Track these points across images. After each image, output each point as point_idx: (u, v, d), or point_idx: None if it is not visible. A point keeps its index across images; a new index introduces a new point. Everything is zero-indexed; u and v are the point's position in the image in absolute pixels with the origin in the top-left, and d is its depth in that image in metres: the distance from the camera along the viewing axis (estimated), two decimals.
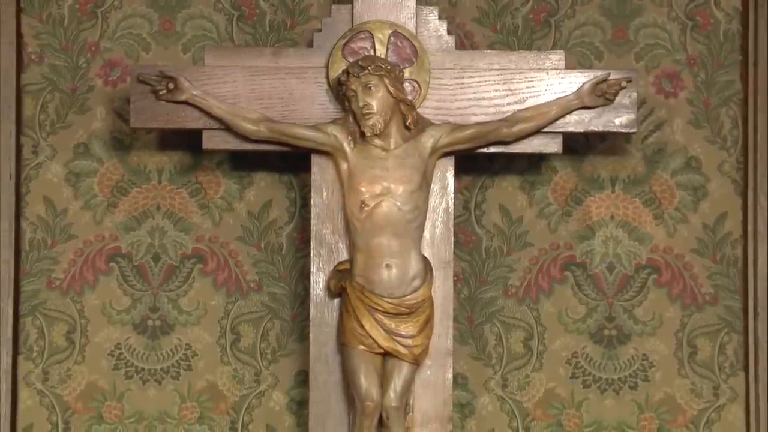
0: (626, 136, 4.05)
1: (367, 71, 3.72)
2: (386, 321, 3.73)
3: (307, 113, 3.85)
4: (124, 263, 4.08)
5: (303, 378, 4.01)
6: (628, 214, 4.10)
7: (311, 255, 3.85)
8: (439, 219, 3.85)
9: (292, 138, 3.80)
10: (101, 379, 4.07)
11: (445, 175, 3.85)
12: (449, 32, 3.92)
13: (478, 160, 4.02)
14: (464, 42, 4.10)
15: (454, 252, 3.88)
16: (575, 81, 3.84)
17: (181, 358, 4.07)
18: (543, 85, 3.85)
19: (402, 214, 3.74)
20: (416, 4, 3.88)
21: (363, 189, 3.75)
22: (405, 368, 3.75)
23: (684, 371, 4.09)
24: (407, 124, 3.77)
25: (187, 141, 4.01)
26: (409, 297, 3.74)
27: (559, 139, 3.87)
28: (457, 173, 3.89)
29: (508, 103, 3.85)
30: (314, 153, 3.84)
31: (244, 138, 3.83)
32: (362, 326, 3.73)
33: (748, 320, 4.07)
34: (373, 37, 3.85)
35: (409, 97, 3.81)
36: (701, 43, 4.13)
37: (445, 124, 3.82)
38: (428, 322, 3.77)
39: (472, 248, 4.09)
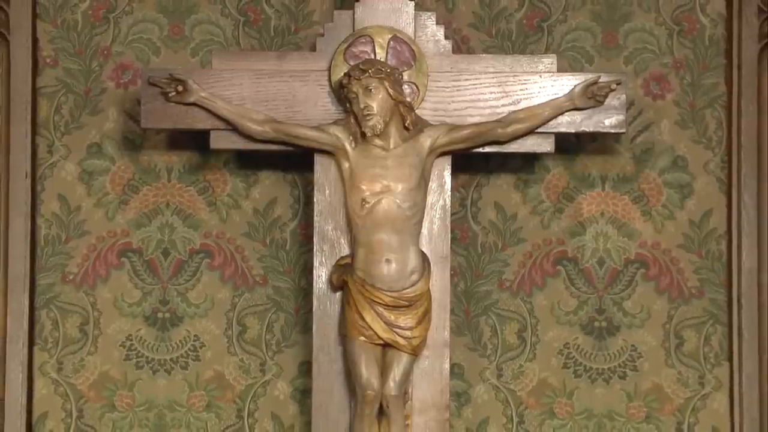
0: (616, 137, 4.06)
1: (367, 74, 3.74)
2: (386, 313, 3.74)
3: (310, 114, 3.86)
4: (135, 258, 4.09)
5: (306, 368, 4.02)
6: (618, 211, 4.11)
7: (314, 250, 3.86)
8: (437, 216, 3.86)
9: (296, 138, 3.81)
10: (113, 369, 4.08)
11: (443, 173, 3.87)
12: (446, 37, 3.92)
13: (474, 159, 4.03)
14: (461, 46, 4.11)
15: (450, 247, 3.88)
16: (567, 84, 3.85)
17: (190, 349, 4.08)
18: (536, 87, 3.86)
19: (401, 211, 3.75)
20: (414, 10, 3.89)
21: (364, 187, 3.77)
22: (404, 359, 3.76)
23: (671, 361, 4.09)
24: (406, 124, 3.78)
25: (195, 141, 4.03)
26: (407, 290, 3.75)
27: (552, 139, 3.88)
28: (454, 172, 3.90)
29: (503, 105, 3.86)
30: (317, 152, 3.84)
31: (250, 138, 3.83)
32: (363, 318, 3.74)
33: (732, 312, 4.08)
34: (373, 42, 3.87)
35: (408, 99, 3.81)
36: (687, 48, 4.14)
37: (442, 125, 3.83)
38: (426, 314, 3.78)
39: (468, 244, 4.11)
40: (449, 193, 3.88)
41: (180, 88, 3.82)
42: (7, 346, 4.04)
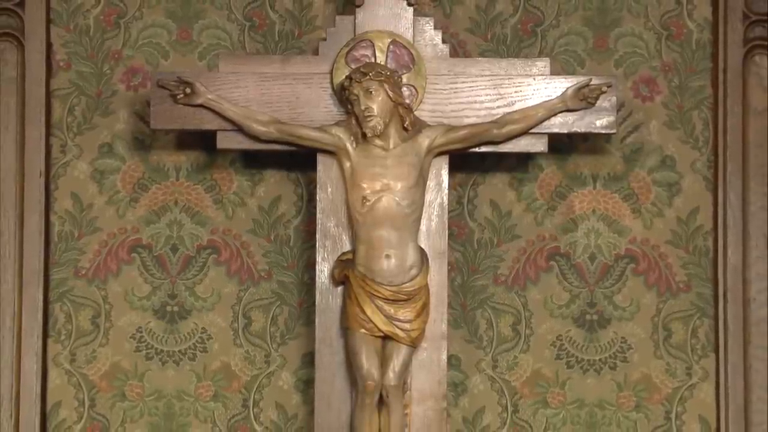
0: (606, 137, 4.08)
1: (368, 77, 3.77)
2: (386, 307, 3.78)
3: (313, 115, 3.89)
4: (145, 254, 4.12)
5: (309, 359, 4.05)
6: (608, 208, 4.14)
7: (317, 246, 3.90)
8: (435, 213, 3.90)
9: (299, 138, 3.84)
10: (124, 360, 4.11)
11: (440, 172, 3.90)
12: (444, 41, 3.96)
13: (470, 159, 4.05)
14: (457, 50, 4.12)
15: (448, 243, 3.91)
16: (560, 86, 3.89)
17: (198, 341, 4.11)
18: (530, 89, 3.89)
19: (400, 209, 3.79)
20: (413, 15, 3.92)
21: (364, 185, 3.80)
22: (403, 350, 3.79)
23: (659, 353, 4.12)
24: (405, 125, 3.81)
25: (202, 141, 4.05)
26: (406, 285, 3.79)
27: (545, 140, 3.91)
28: (451, 171, 3.93)
29: (498, 107, 3.89)
30: (320, 152, 3.87)
31: (255, 138, 3.86)
32: (364, 312, 3.77)
33: (718, 306, 4.11)
34: (373, 46, 3.90)
35: (407, 101, 3.84)
36: (675, 51, 4.16)
37: (440, 126, 3.86)
38: (425, 307, 3.81)
39: (464, 240, 4.14)
40: (446, 191, 3.92)
41: (188, 91, 3.86)
42: (22, 338, 4.07)
